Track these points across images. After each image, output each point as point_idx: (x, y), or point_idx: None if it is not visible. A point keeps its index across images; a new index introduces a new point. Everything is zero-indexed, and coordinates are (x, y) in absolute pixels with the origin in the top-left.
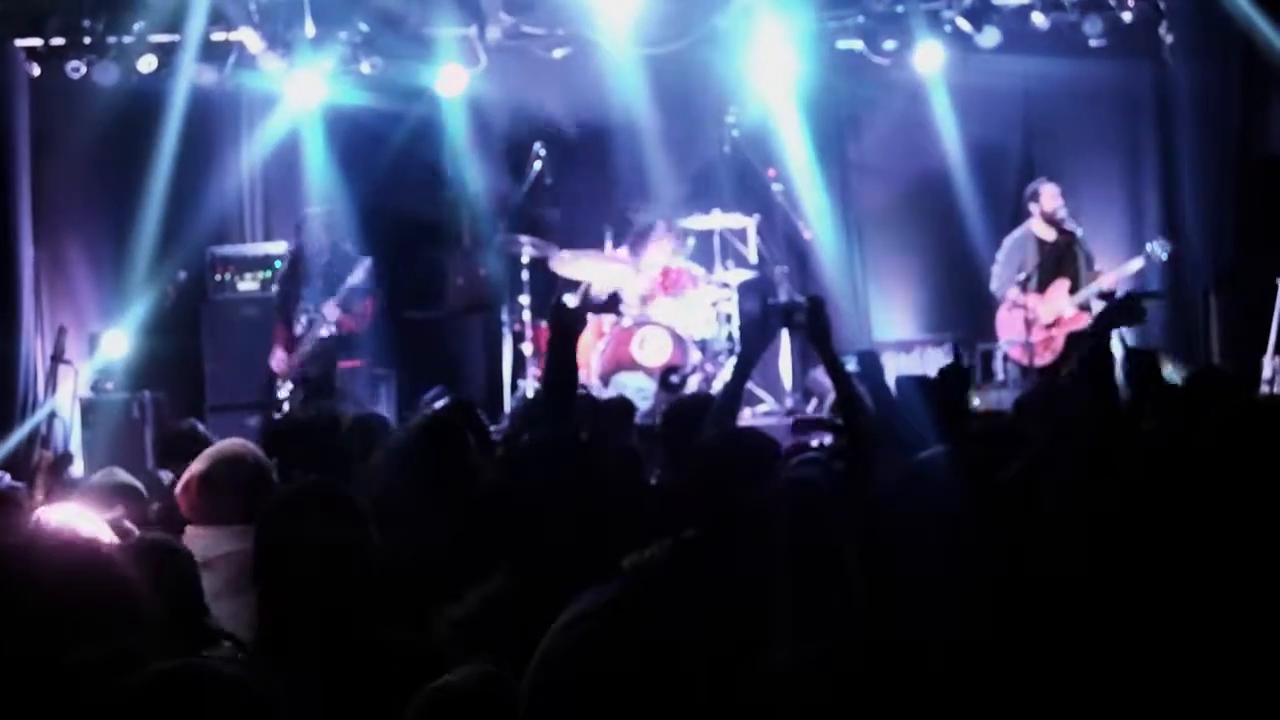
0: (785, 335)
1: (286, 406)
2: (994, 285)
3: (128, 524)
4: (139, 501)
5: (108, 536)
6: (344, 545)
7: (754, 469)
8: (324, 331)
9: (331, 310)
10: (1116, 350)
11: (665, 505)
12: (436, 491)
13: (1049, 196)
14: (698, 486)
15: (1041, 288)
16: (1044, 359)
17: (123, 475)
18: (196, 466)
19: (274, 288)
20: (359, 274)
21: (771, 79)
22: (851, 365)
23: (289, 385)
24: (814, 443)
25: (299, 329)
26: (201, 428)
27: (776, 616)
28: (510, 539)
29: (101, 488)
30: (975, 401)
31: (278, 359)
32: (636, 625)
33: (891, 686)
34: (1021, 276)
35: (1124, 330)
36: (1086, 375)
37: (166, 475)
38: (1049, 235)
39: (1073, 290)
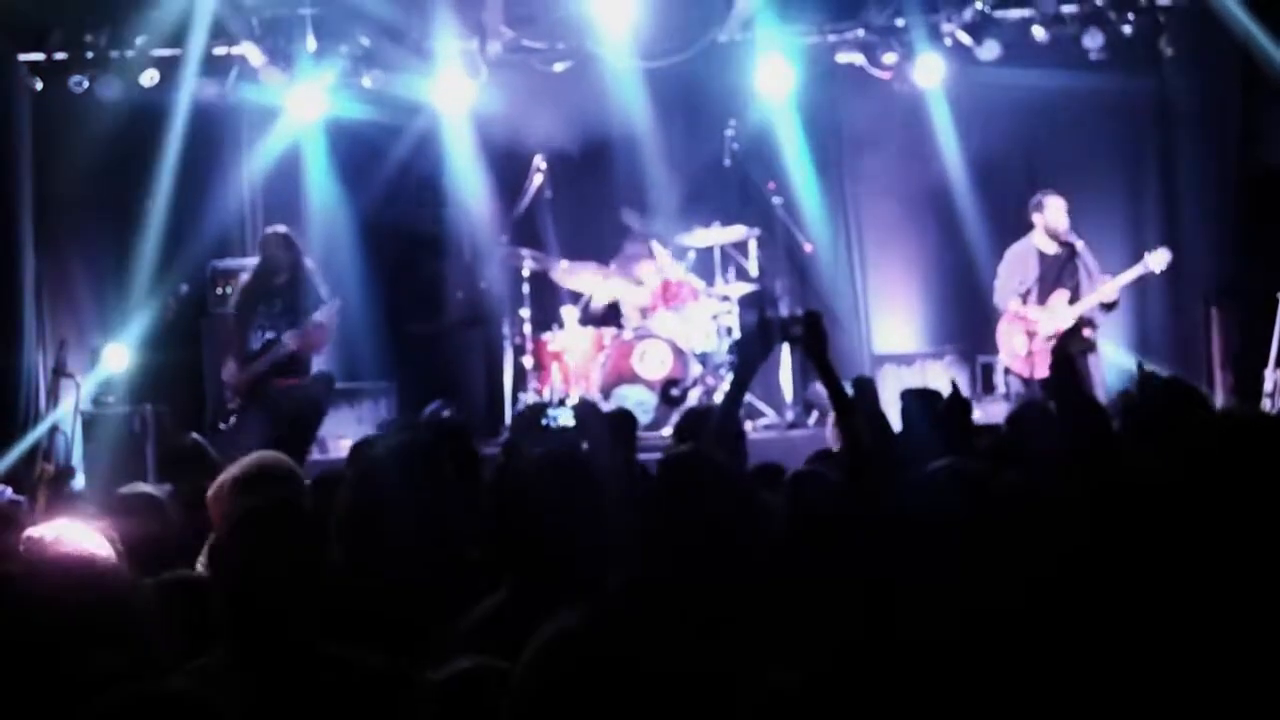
0: (786, 348)
1: (233, 419)
2: (996, 298)
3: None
4: (159, 512)
5: (103, 549)
6: (301, 561)
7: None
8: (282, 353)
9: (292, 339)
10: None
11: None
12: (418, 506)
13: (1054, 211)
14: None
15: (1042, 300)
16: (1045, 372)
17: (144, 487)
18: (234, 472)
19: (233, 299)
20: (327, 313)
21: (772, 92)
22: (846, 390)
23: (229, 392)
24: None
25: (254, 344)
26: (204, 443)
27: (772, 636)
28: (514, 551)
29: (123, 499)
30: (976, 414)
31: (229, 370)
32: (619, 644)
33: (896, 700)
34: (1022, 289)
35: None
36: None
37: (165, 489)
38: (1050, 248)
39: (1073, 302)
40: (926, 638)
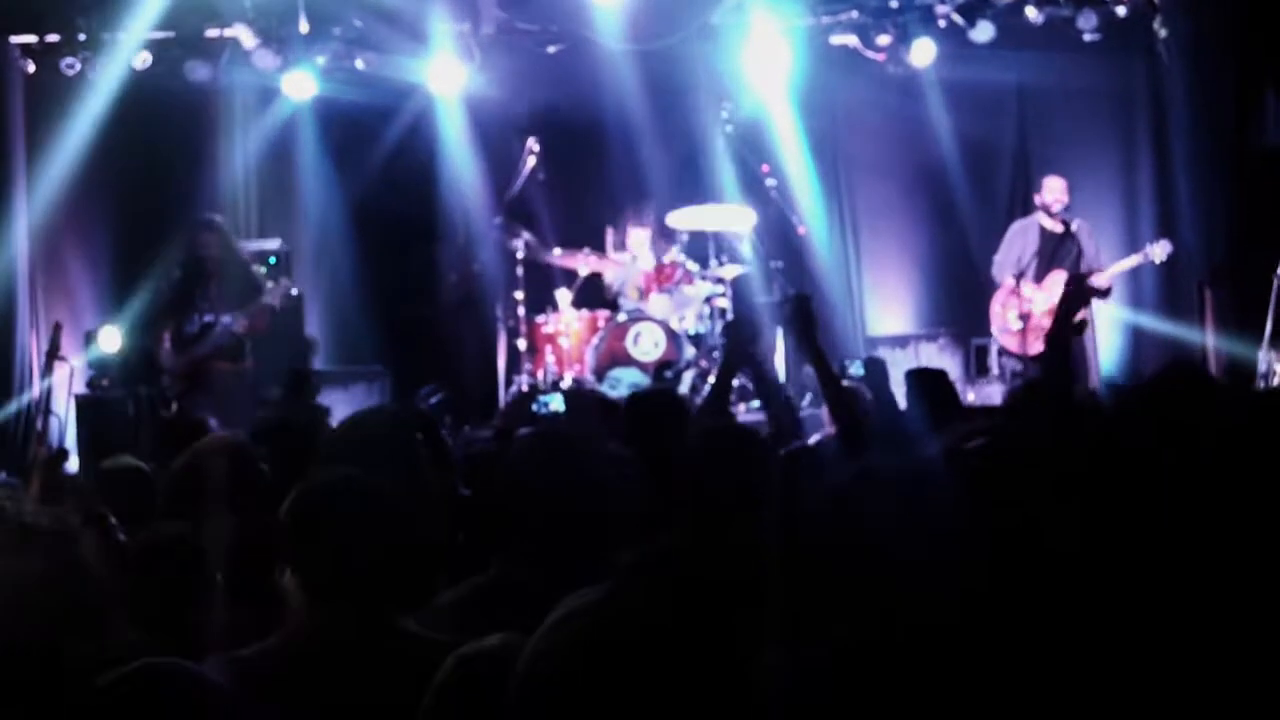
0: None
1: (175, 405)
2: (994, 271)
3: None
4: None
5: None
6: (385, 534)
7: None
8: (224, 337)
9: (240, 321)
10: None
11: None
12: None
13: (1049, 190)
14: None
15: (1039, 278)
16: (1037, 348)
17: (132, 460)
18: (182, 460)
19: (165, 285)
20: (276, 295)
21: (765, 74)
22: (857, 370)
23: (169, 378)
24: (811, 440)
25: (190, 329)
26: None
27: (769, 617)
28: (503, 532)
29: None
30: (970, 396)
31: (166, 355)
32: (631, 624)
33: (890, 683)
34: (1020, 265)
35: None
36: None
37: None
38: (1050, 225)
39: None
40: (925, 621)
